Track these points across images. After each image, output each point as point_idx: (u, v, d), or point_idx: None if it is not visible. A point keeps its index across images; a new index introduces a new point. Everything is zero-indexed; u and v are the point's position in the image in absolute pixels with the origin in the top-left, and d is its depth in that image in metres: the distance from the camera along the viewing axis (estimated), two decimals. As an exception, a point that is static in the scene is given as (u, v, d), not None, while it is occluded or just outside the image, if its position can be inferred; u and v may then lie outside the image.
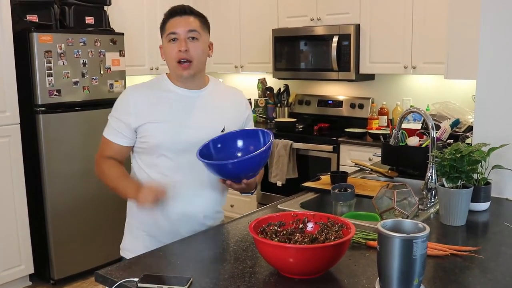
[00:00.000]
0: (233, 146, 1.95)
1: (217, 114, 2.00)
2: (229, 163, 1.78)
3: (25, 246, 3.75)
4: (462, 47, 3.35)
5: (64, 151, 3.82)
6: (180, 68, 1.91)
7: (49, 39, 3.68)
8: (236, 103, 2.10)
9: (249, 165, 1.80)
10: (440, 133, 3.15)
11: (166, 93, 1.95)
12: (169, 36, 1.90)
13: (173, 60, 1.91)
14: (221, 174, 1.82)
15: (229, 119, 2.02)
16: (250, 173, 1.82)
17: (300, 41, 4.65)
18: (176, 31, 1.89)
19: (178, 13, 1.92)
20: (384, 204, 1.96)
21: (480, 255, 1.60)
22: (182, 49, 1.88)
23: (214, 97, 2.03)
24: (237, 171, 1.79)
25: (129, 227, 2.08)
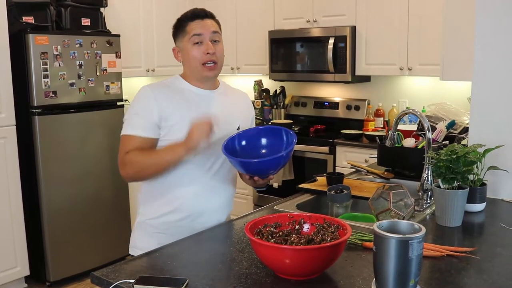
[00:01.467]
0: (257, 143, 2.01)
1: (231, 113, 2.06)
2: (255, 162, 1.86)
3: (20, 248, 3.73)
4: (458, 49, 3.36)
5: (60, 153, 3.81)
6: (206, 70, 1.95)
7: (45, 40, 3.67)
8: (244, 104, 2.19)
9: (274, 163, 1.85)
10: (436, 134, 3.15)
11: (183, 92, 1.98)
12: (193, 38, 1.93)
13: (198, 62, 1.94)
14: (246, 170, 1.89)
15: (242, 118, 2.10)
16: (273, 170, 1.88)
17: (296, 42, 4.65)
18: (202, 33, 1.93)
19: (200, 16, 1.96)
20: (380, 205, 1.96)
21: (476, 255, 1.60)
22: (210, 52, 1.93)
23: (227, 97, 2.09)
24: (262, 167, 1.86)
25: (141, 224, 2.05)
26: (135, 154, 1.88)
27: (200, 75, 1.97)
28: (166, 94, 1.95)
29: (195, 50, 1.94)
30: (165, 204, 1.97)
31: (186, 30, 1.95)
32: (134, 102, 1.95)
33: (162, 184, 1.96)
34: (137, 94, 1.96)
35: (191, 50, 1.95)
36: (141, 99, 1.94)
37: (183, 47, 1.98)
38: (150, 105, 1.90)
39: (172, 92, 1.97)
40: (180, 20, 1.99)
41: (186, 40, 1.95)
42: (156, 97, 1.91)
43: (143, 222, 2.03)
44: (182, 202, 1.96)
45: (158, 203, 1.98)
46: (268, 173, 1.89)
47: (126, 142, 1.92)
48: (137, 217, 2.08)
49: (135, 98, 1.96)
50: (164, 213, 1.97)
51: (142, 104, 1.93)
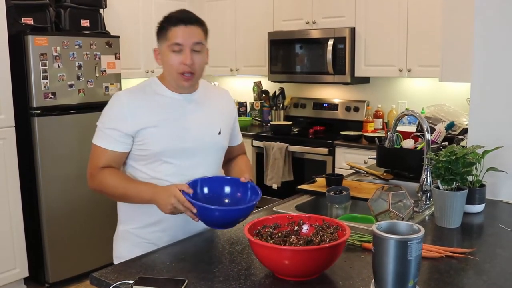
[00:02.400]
0: (220, 190, 1.88)
1: (212, 116, 1.98)
2: (217, 210, 1.72)
3: (20, 249, 3.73)
4: (457, 50, 3.37)
5: (59, 154, 3.81)
6: (182, 79, 1.86)
7: (45, 41, 3.67)
8: (226, 104, 2.09)
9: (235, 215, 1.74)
10: (435, 135, 3.15)
11: (160, 97, 1.89)
12: (172, 46, 1.82)
13: (174, 70, 1.84)
14: (204, 217, 1.73)
15: (223, 120, 2.02)
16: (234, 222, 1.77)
17: (296, 44, 4.66)
18: (182, 42, 1.82)
19: (183, 21, 1.84)
20: (379, 206, 1.96)
21: (475, 256, 1.60)
22: (188, 63, 1.82)
23: (206, 99, 2.00)
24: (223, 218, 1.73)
25: (125, 234, 1.97)
26: (106, 175, 1.83)
27: (175, 84, 1.88)
28: (142, 100, 1.86)
29: (173, 58, 1.83)
30: (148, 215, 1.88)
31: (168, 35, 1.83)
32: (108, 110, 1.87)
33: None
34: (111, 102, 1.87)
35: (169, 57, 1.84)
36: (113, 109, 1.86)
37: (162, 51, 1.87)
38: (123, 116, 1.82)
39: (148, 97, 1.88)
40: (164, 22, 1.87)
41: (166, 46, 1.84)
42: (130, 106, 1.83)
43: (127, 231, 1.96)
44: (164, 214, 1.82)
45: (140, 212, 1.90)
46: (221, 224, 1.76)
47: (97, 154, 1.87)
48: (118, 226, 2.01)
49: (108, 106, 1.88)
50: (148, 223, 1.90)
51: (115, 115, 1.84)
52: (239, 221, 1.77)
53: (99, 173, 1.85)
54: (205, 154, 1.93)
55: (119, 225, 2.02)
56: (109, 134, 1.84)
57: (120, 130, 1.82)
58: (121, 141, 1.84)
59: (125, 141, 1.84)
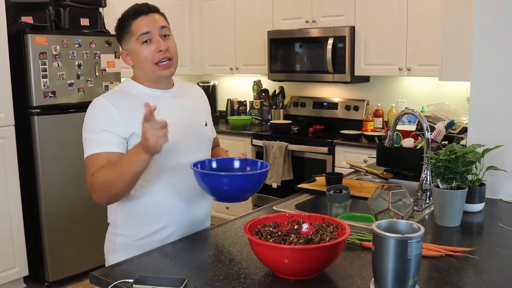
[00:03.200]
0: (229, 166, 1.88)
1: (194, 109, 1.96)
2: (225, 176, 1.71)
3: (19, 248, 3.73)
4: (457, 49, 3.37)
5: (59, 153, 3.81)
6: (160, 69, 1.80)
7: (44, 40, 3.67)
8: (202, 98, 2.07)
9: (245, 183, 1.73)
10: (435, 134, 3.15)
11: (140, 97, 1.80)
12: (141, 38, 1.77)
13: (150, 62, 1.79)
14: (213, 189, 1.73)
15: (204, 112, 2.01)
16: (245, 193, 1.75)
17: (295, 43, 4.65)
18: (149, 30, 1.77)
19: (143, 12, 1.80)
20: (379, 205, 1.96)
21: (474, 255, 1.60)
22: (162, 49, 1.78)
23: (184, 93, 1.96)
24: (232, 187, 1.71)
25: (125, 247, 1.85)
26: (99, 174, 1.69)
27: (155, 76, 1.82)
28: (124, 102, 1.79)
29: (145, 49, 1.78)
30: (150, 223, 1.83)
31: (132, 29, 1.79)
32: (91, 117, 1.78)
33: (143, 203, 1.83)
34: (91, 107, 1.80)
35: (141, 51, 1.78)
36: (100, 112, 1.76)
37: (131, 48, 1.81)
38: (112, 118, 1.74)
39: (129, 99, 1.81)
40: (122, 20, 1.82)
41: (133, 41, 1.79)
42: (117, 108, 1.75)
43: (128, 244, 1.85)
44: (168, 218, 1.84)
45: (143, 222, 1.84)
46: (241, 194, 1.74)
47: (91, 163, 1.73)
48: (115, 239, 1.89)
49: (91, 111, 1.79)
50: (151, 232, 1.84)
51: (103, 118, 1.75)
52: (248, 194, 1.75)
53: (93, 178, 1.71)
54: (195, 147, 1.90)
55: (114, 237, 1.90)
56: (101, 138, 1.73)
57: (113, 133, 1.73)
58: (115, 142, 1.74)
59: (119, 142, 1.74)
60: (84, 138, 1.78)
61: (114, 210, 1.90)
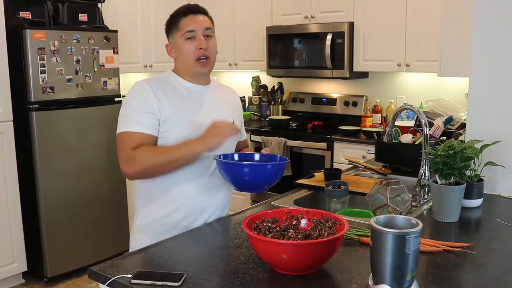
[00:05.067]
0: (250, 158, 2.01)
1: (226, 107, 2.08)
2: (246, 165, 1.85)
3: (18, 243, 3.74)
4: (455, 45, 3.36)
5: (58, 149, 3.81)
6: (199, 65, 1.95)
7: (43, 36, 3.66)
8: (235, 101, 2.21)
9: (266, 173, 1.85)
10: (433, 130, 3.15)
11: (177, 87, 1.97)
12: (186, 34, 1.93)
13: (191, 57, 1.94)
14: (234, 178, 1.85)
15: (235, 113, 2.12)
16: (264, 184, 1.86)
17: (294, 39, 4.65)
18: (195, 28, 1.93)
19: (193, 11, 1.97)
20: (377, 201, 1.96)
21: (472, 251, 1.61)
22: (203, 47, 1.93)
23: (219, 92, 2.10)
24: (252, 177, 1.83)
25: (143, 227, 1.99)
26: (144, 150, 1.82)
27: (194, 70, 1.97)
28: (163, 90, 1.92)
29: (188, 45, 1.94)
30: (166, 204, 1.94)
31: (179, 26, 1.95)
32: (132, 98, 1.89)
33: (161, 184, 1.93)
34: (134, 89, 1.91)
35: (184, 46, 1.94)
36: (140, 94, 1.89)
37: (176, 43, 1.97)
38: (151, 100, 1.87)
39: (167, 88, 1.95)
40: (173, 16, 1.98)
41: (179, 36, 1.95)
42: (155, 92, 1.88)
43: (146, 224, 1.98)
44: (182, 201, 1.94)
45: (158, 203, 1.95)
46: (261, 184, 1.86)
47: (128, 139, 1.84)
48: (136, 220, 2.03)
49: (132, 93, 1.91)
50: (166, 213, 1.94)
51: (142, 100, 1.87)
52: (266, 186, 1.86)
53: (136, 152, 1.81)
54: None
55: (136, 218, 2.04)
56: (138, 117, 1.85)
57: (149, 113, 1.85)
58: (151, 124, 1.86)
59: (154, 124, 1.87)
60: (122, 114, 1.90)
61: (137, 192, 2.03)
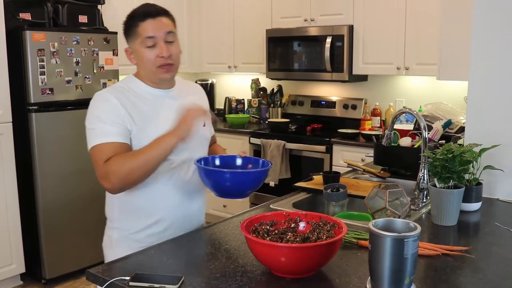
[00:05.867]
0: (232, 163, 1.96)
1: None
2: (228, 172, 1.78)
3: (16, 245, 3.73)
4: (455, 48, 3.37)
5: (57, 150, 3.81)
6: (161, 72, 1.84)
7: (42, 37, 3.66)
8: (202, 98, 2.11)
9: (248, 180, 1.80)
10: (432, 133, 3.15)
11: (142, 96, 1.86)
12: (145, 41, 1.80)
13: (152, 65, 1.83)
14: (216, 185, 1.79)
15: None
16: (247, 190, 1.83)
17: (294, 41, 4.65)
18: (155, 35, 1.80)
19: (151, 15, 1.82)
20: (376, 204, 1.96)
21: (471, 255, 1.61)
22: (165, 55, 1.81)
23: (185, 94, 1.99)
24: (234, 183, 1.78)
25: (123, 240, 1.90)
26: (116, 160, 1.72)
27: (156, 78, 1.86)
28: (127, 100, 1.82)
29: (148, 53, 1.81)
30: (147, 217, 1.87)
31: (138, 31, 1.81)
32: (98, 109, 1.80)
33: (139, 196, 1.85)
34: (97, 100, 1.82)
35: (144, 54, 1.82)
36: (105, 104, 1.79)
37: (136, 49, 1.84)
38: (118, 110, 1.77)
39: (130, 96, 1.84)
40: (130, 19, 1.85)
41: (138, 43, 1.82)
42: (120, 101, 1.79)
43: (125, 237, 1.89)
44: (164, 212, 1.87)
45: (139, 216, 1.87)
46: (243, 190, 1.81)
47: (99, 153, 1.75)
48: (112, 233, 1.93)
49: (96, 104, 1.81)
50: (148, 225, 1.87)
51: (108, 110, 1.78)
52: (249, 191, 1.82)
53: (108, 165, 1.72)
54: (194, 147, 1.91)
55: (111, 232, 1.94)
56: (109, 128, 1.75)
57: (119, 123, 1.76)
58: (122, 134, 1.77)
59: (125, 133, 1.78)
60: (89, 128, 1.81)
61: (111, 205, 1.94)
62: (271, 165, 1.89)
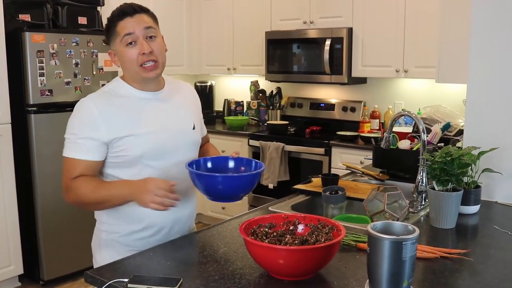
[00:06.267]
0: (224, 165, 1.92)
1: (183, 112, 1.95)
2: (220, 176, 1.75)
3: (15, 246, 3.72)
4: (454, 51, 3.37)
5: (55, 151, 3.80)
6: (145, 71, 1.79)
7: (42, 38, 3.66)
8: (193, 97, 2.07)
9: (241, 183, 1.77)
10: (431, 136, 3.16)
11: (129, 99, 1.82)
12: (125, 39, 1.76)
13: (135, 64, 1.78)
14: (208, 189, 1.76)
15: (194, 114, 2.00)
16: (239, 193, 1.79)
17: (293, 44, 4.66)
18: (133, 31, 1.76)
19: (128, 13, 1.78)
20: (374, 207, 1.96)
21: (469, 257, 1.61)
22: (146, 51, 1.76)
23: (174, 95, 1.94)
24: (226, 187, 1.75)
25: (109, 242, 1.88)
26: (81, 183, 1.74)
27: (140, 77, 1.80)
28: (112, 106, 1.78)
29: (129, 51, 1.77)
30: (134, 222, 1.84)
31: (117, 30, 1.78)
32: (77, 120, 1.77)
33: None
34: (79, 110, 1.78)
35: (125, 52, 1.78)
36: (84, 117, 1.76)
37: (117, 50, 1.81)
38: (95, 123, 1.74)
39: (117, 102, 1.80)
40: (109, 21, 1.82)
41: (118, 42, 1.78)
42: (102, 113, 1.75)
43: (112, 240, 1.87)
44: (151, 218, 1.83)
45: (126, 220, 1.85)
46: (236, 194, 1.78)
47: (70, 166, 1.77)
48: (100, 235, 1.91)
49: (77, 114, 1.78)
50: (135, 230, 1.85)
51: (86, 123, 1.75)
52: (242, 194, 1.79)
53: (73, 184, 1.76)
54: (183, 151, 1.89)
55: (100, 233, 1.92)
56: (82, 144, 1.74)
57: (94, 139, 1.74)
58: (96, 150, 1.75)
59: (100, 149, 1.76)
60: (65, 137, 1.81)
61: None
62: (264, 167, 1.85)
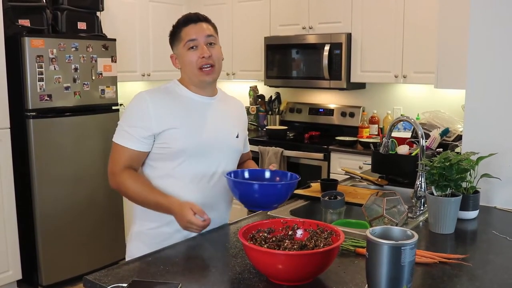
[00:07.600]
0: (261, 176, 2.02)
1: (230, 120, 2.07)
2: (256, 184, 1.84)
3: (13, 251, 3.72)
4: (452, 57, 3.38)
5: (55, 156, 3.80)
6: (203, 74, 1.94)
7: (41, 43, 3.67)
8: (241, 113, 2.20)
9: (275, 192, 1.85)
10: (430, 141, 3.16)
11: (182, 98, 1.96)
12: (188, 44, 1.92)
13: (194, 67, 1.93)
14: (244, 196, 1.85)
15: (239, 126, 2.11)
16: (274, 202, 1.88)
17: (292, 49, 4.67)
18: (196, 37, 1.92)
19: (193, 20, 1.95)
20: (373, 212, 1.97)
21: (468, 263, 1.61)
22: (205, 55, 1.91)
23: (225, 104, 2.08)
24: (262, 195, 1.84)
25: (139, 235, 2.00)
26: (128, 179, 1.88)
27: (198, 80, 1.95)
28: (165, 101, 1.92)
29: (190, 55, 1.93)
30: (161, 215, 1.90)
31: (181, 36, 1.94)
32: (130, 110, 1.91)
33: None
34: (134, 101, 1.92)
35: (186, 56, 1.93)
36: (137, 108, 1.90)
37: (179, 53, 1.97)
38: (147, 115, 1.87)
39: (171, 98, 1.94)
40: (175, 27, 1.98)
41: (181, 47, 1.94)
42: (155, 105, 1.88)
43: (141, 232, 1.99)
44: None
45: (154, 213, 1.91)
46: (271, 202, 1.87)
47: (118, 153, 1.90)
48: (133, 228, 2.04)
49: (131, 104, 1.92)
50: (161, 224, 1.93)
51: (138, 114, 1.89)
52: (276, 204, 1.89)
53: (121, 175, 1.89)
54: (222, 155, 1.99)
55: (133, 226, 2.05)
56: (132, 133, 1.87)
57: (144, 129, 1.87)
58: (143, 141, 1.88)
59: (148, 141, 1.89)
60: (119, 124, 1.94)
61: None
62: (298, 178, 1.92)
